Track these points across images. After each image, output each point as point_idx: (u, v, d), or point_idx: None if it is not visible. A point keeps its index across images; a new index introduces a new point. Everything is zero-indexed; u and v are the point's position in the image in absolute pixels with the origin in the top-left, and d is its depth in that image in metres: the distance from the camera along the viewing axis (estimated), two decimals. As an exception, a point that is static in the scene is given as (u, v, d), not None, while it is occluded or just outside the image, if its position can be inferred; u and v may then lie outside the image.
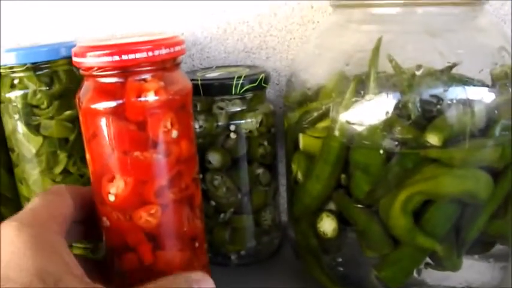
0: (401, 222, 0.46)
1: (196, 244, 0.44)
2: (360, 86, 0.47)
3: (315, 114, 0.50)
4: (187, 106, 0.43)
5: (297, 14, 0.64)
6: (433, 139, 0.44)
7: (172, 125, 0.40)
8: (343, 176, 0.49)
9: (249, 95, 0.56)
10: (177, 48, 0.41)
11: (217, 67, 0.63)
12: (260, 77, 0.56)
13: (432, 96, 0.47)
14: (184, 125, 0.41)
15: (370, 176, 0.47)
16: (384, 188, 0.47)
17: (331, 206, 0.51)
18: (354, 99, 0.47)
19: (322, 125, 0.49)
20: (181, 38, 0.42)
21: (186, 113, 0.42)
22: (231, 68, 0.61)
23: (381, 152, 0.45)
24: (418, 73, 0.47)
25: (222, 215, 0.59)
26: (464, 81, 0.48)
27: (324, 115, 0.49)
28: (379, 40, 0.46)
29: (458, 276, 0.50)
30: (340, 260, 0.53)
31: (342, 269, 0.53)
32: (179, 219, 0.43)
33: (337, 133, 0.47)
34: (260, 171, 0.59)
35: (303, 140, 0.51)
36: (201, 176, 0.58)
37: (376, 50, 0.46)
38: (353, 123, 0.46)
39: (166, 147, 0.41)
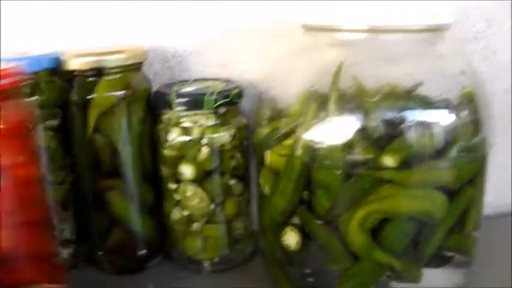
0: (359, 239, 0.49)
1: (50, 261, 0.45)
2: (323, 107, 0.48)
3: (282, 132, 0.51)
4: (30, 132, 0.44)
5: (273, 30, 0.65)
6: (388, 161, 0.47)
7: (15, 151, 0.41)
8: (305, 192, 0.50)
9: (222, 110, 0.58)
10: (8, 80, 0.41)
11: (195, 80, 0.65)
12: (233, 93, 0.58)
13: (393, 117, 0.48)
14: (28, 150, 0.43)
15: (330, 193, 0.49)
16: (343, 206, 0.49)
17: (296, 220, 0.53)
18: (314, 121, 0.48)
19: (287, 143, 0.50)
20: (18, 69, 0.43)
21: (30, 139, 0.43)
22: (208, 82, 0.63)
23: (339, 172, 0.47)
24: (380, 95, 0.48)
25: (195, 224, 0.61)
26: (426, 103, 0.50)
27: (290, 134, 0.51)
28: (340, 65, 0.48)
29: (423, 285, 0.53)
30: (308, 271, 0.55)
31: (311, 279, 0.55)
32: (29, 240, 0.43)
33: (299, 152, 0.49)
34: (232, 182, 0.61)
35: (269, 157, 0.53)
36: (174, 186, 0.60)
37: (337, 73, 0.48)
38: (314, 143, 0.48)
39: (8, 173, 0.41)
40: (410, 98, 0.51)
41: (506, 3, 0.69)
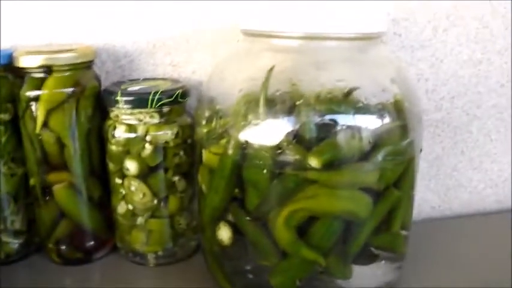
0: (285, 236, 0.51)
1: None
2: (254, 109, 0.51)
3: (218, 132, 0.54)
4: None
5: (222, 33, 0.68)
6: (313, 162, 0.49)
7: None
8: (236, 190, 0.53)
9: (166, 109, 0.60)
10: None
11: (145, 79, 0.67)
12: (177, 93, 0.60)
13: (324, 120, 0.51)
14: None
15: (259, 191, 0.52)
16: (271, 204, 0.52)
17: (230, 216, 0.55)
18: (243, 123, 0.50)
19: (221, 142, 0.53)
20: None
21: None
22: (156, 81, 0.65)
23: (266, 171, 0.49)
24: (313, 99, 0.51)
25: (139, 219, 0.64)
26: (356, 108, 0.52)
27: (224, 134, 0.53)
28: (271, 69, 0.51)
29: (355, 280, 0.56)
30: (243, 265, 0.57)
31: (246, 274, 0.57)
32: None
33: (231, 151, 0.51)
34: (176, 178, 0.64)
35: (205, 156, 0.56)
36: (120, 181, 0.62)
37: (267, 78, 0.51)
38: (243, 144, 0.51)
39: None
40: (342, 102, 0.53)
41: (453, 11, 0.71)
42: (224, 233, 0.55)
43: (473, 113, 0.78)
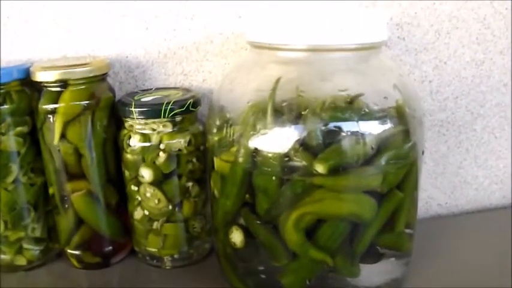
0: (294, 238, 0.54)
1: None
2: (262, 118, 0.53)
3: (228, 140, 0.57)
4: None
5: (231, 42, 0.71)
6: (319, 168, 0.52)
7: None
8: (247, 195, 0.56)
9: (178, 118, 0.63)
10: None
11: (157, 89, 0.70)
12: (188, 103, 0.63)
13: (330, 127, 0.53)
14: None
15: (268, 197, 0.54)
16: (280, 208, 0.54)
17: (241, 220, 0.58)
18: (252, 132, 0.53)
19: (232, 150, 0.56)
20: None
21: None
22: (168, 91, 0.68)
23: (274, 178, 0.52)
24: (319, 107, 0.53)
25: (155, 223, 0.67)
26: (359, 115, 0.55)
27: (235, 142, 0.56)
28: (278, 80, 0.53)
29: (364, 278, 0.59)
30: (255, 267, 0.60)
31: (258, 274, 0.60)
32: None
33: (241, 159, 0.54)
34: (190, 184, 0.66)
35: (216, 163, 0.58)
36: (136, 188, 0.65)
37: (274, 88, 0.53)
38: (253, 152, 0.53)
39: None
40: (346, 110, 0.55)
41: (455, 14, 0.74)
42: (236, 236, 0.58)
43: (477, 112, 0.80)
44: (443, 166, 0.81)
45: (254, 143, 0.54)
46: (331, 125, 0.54)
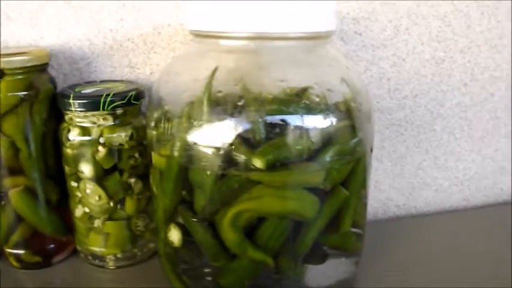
0: (231, 236, 0.51)
1: None
2: (199, 110, 0.51)
3: (166, 133, 0.54)
4: None
5: (179, 34, 0.68)
6: (257, 163, 0.49)
7: None
8: (184, 192, 0.53)
9: (119, 111, 0.60)
10: None
11: (102, 81, 0.68)
12: (129, 95, 0.60)
13: (272, 121, 0.51)
14: None
15: (204, 193, 0.52)
16: (217, 205, 0.52)
17: (179, 218, 0.55)
18: (187, 124, 0.50)
19: (169, 144, 0.53)
20: None
21: None
22: (113, 83, 0.65)
23: (209, 173, 0.49)
24: (263, 99, 0.51)
25: (96, 221, 0.64)
26: (304, 108, 0.52)
27: (172, 136, 0.53)
28: (215, 70, 0.51)
29: (310, 279, 0.57)
30: (192, 266, 0.58)
31: (196, 274, 0.58)
32: None
33: (176, 153, 0.51)
34: (132, 180, 0.64)
35: (154, 158, 0.56)
36: (76, 184, 0.62)
37: (210, 78, 0.51)
38: (188, 146, 0.51)
39: None
40: (288, 102, 0.52)
41: (414, 10, 0.71)
42: (174, 235, 0.55)
43: (436, 112, 0.78)
44: (401, 166, 0.79)
45: (189, 136, 0.51)
46: (270, 118, 0.51)
